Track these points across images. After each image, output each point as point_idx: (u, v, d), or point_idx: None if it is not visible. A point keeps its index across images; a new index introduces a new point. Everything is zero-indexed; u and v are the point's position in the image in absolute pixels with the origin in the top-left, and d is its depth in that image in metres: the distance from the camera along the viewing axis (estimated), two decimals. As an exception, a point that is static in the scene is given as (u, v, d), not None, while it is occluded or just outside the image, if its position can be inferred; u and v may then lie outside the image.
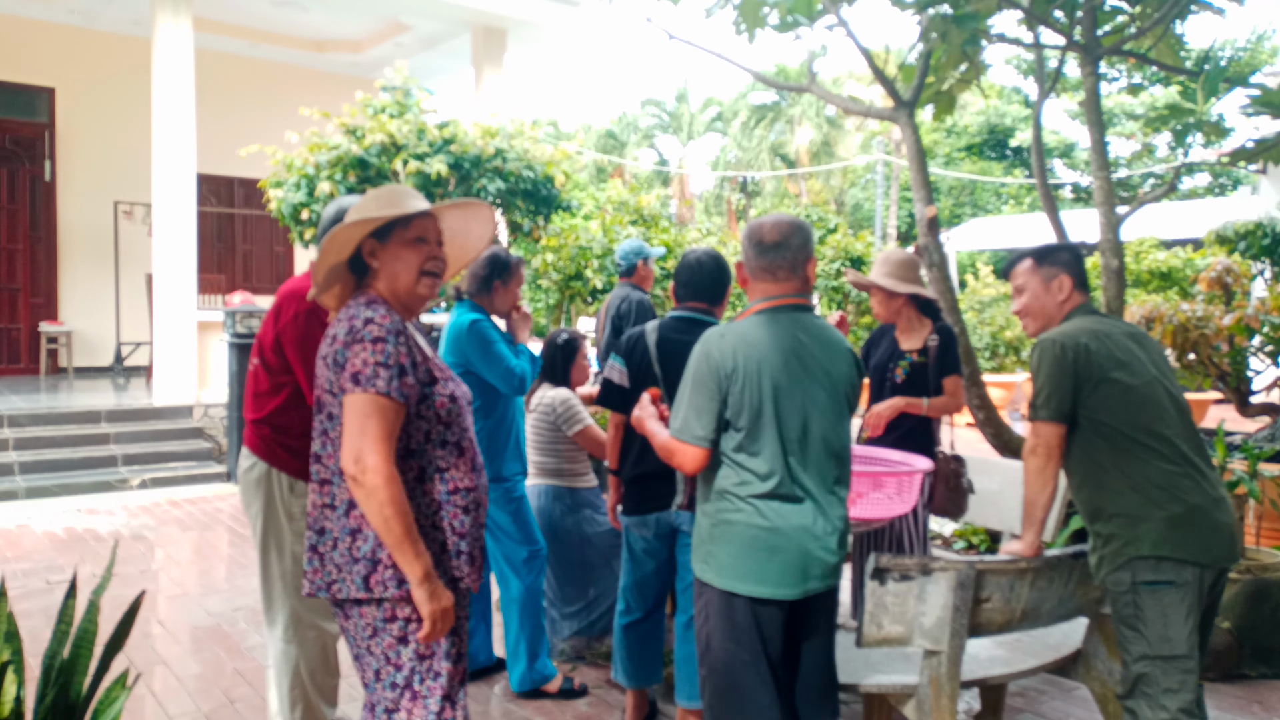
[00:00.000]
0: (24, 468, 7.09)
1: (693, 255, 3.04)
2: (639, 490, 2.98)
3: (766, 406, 2.14)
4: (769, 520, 2.14)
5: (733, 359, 2.15)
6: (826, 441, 2.20)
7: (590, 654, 3.77)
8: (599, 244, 10.16)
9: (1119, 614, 2.32)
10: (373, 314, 1.83)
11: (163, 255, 8.41)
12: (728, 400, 2.15)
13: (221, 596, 4.64)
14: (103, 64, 10.69)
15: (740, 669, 2.17)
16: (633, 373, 2.99)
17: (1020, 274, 2.56)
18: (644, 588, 3.09)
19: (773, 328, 2.20)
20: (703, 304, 3.00)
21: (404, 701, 1.86)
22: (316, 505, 1.88)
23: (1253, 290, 9.29)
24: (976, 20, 4.29)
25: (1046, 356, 2.36)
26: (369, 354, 1.79)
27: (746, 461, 2.15)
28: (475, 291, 3.42)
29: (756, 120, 33.42)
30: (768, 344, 2.18)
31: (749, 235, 2.29)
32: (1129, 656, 2.30)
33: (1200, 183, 19.55)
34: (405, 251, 1.93)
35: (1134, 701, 2.29)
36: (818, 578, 2.17)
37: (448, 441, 1.91)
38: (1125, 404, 2.32)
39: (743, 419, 2.15)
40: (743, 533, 2.15)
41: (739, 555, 2.16)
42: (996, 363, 12.79)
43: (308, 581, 1.89)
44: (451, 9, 9.88)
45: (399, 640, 1.84)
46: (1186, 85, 4.72)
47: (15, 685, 1.87)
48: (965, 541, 5.06)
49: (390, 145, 7.45)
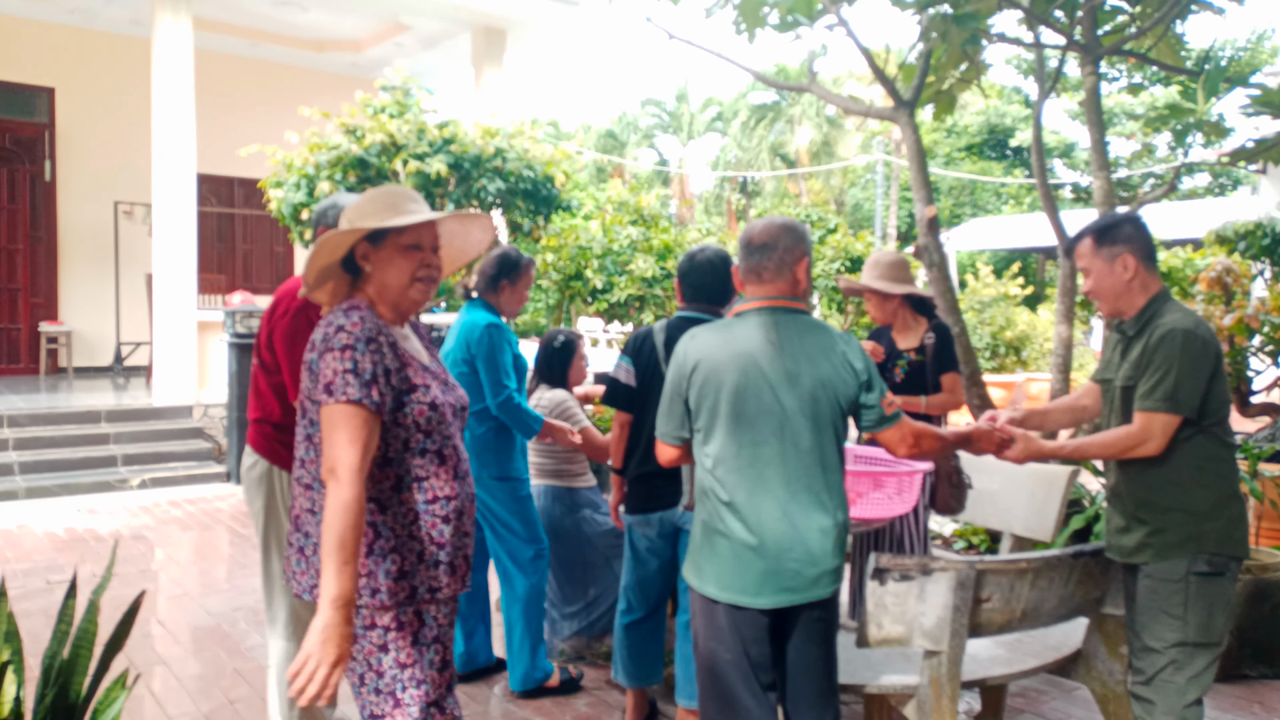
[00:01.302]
0: (24, 468, 7.09)
1: (702, 255, 2.99)
2: (643, 489, 2.98)
3: (722, 408, 2.14)
4: (735, 527, 2.12)
5: (695, 359, 2.18)
6: (796, 447, 2.12)
7: (590, 654, 3.76)
8: (599, 244, 10.15)
9: (1157, 602, 2.32)
10: (345, 321, 1.82)
11: (163, 255, 8.41)
12: (688, 399, 2.19)
13: (221, 597, 4.64)
14: (103, 64, 10.69)
15: (723, 668, 2.18)
16: (640, 372, 2.99)
17: (1083, 255, 2.44)
18: (645, 587, 3.09)
19: (743, 329, 2.18)
20: (709, 305, 2.99)
21: (387, 707, 1.85)
22: (302, 509, 1.89)
23: (1252, 290, 9.28)
24: (976, 20, 4.29)
25: (1188, 348, 2.27)
26: (338, 363, 1.78)
27: (707, 462, 2.18)
28: (484, 290, 3.42)
29: (756, 120, 33.42)
30: (732, 345, 2.16)
31: (740, 237, 2.29)
32: (1159, 643, 2.31)
33: (1200, 183, 19.55)
34: (398, 257, 1.91)
35: (1152, 689, 2.31)
36: (792, 590, 2.11)
37: (427, 450, 1.89)
38: (1223, 400, 2.34)
39: (700, 419, 2.18)
40: (715, 539, 2.16)
41: (711, 560, 2.17)
42: (997, 363, 12.79)
43: (295, 582, 1.89)
44: (451, 9, 9.89)
45: (379, 648, 1.84)
46: (1187, 85, 4.73)
47: (15, 685, 1.87)
48: (965, 541, 5.06)
49: (390, 145, 7.44)
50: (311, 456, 1.87)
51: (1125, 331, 2.43)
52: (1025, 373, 12.79)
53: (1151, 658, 2.32)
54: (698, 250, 3.02)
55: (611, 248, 10.20)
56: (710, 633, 2.20)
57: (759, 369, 2.14)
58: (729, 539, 2.13)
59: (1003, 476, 3.51)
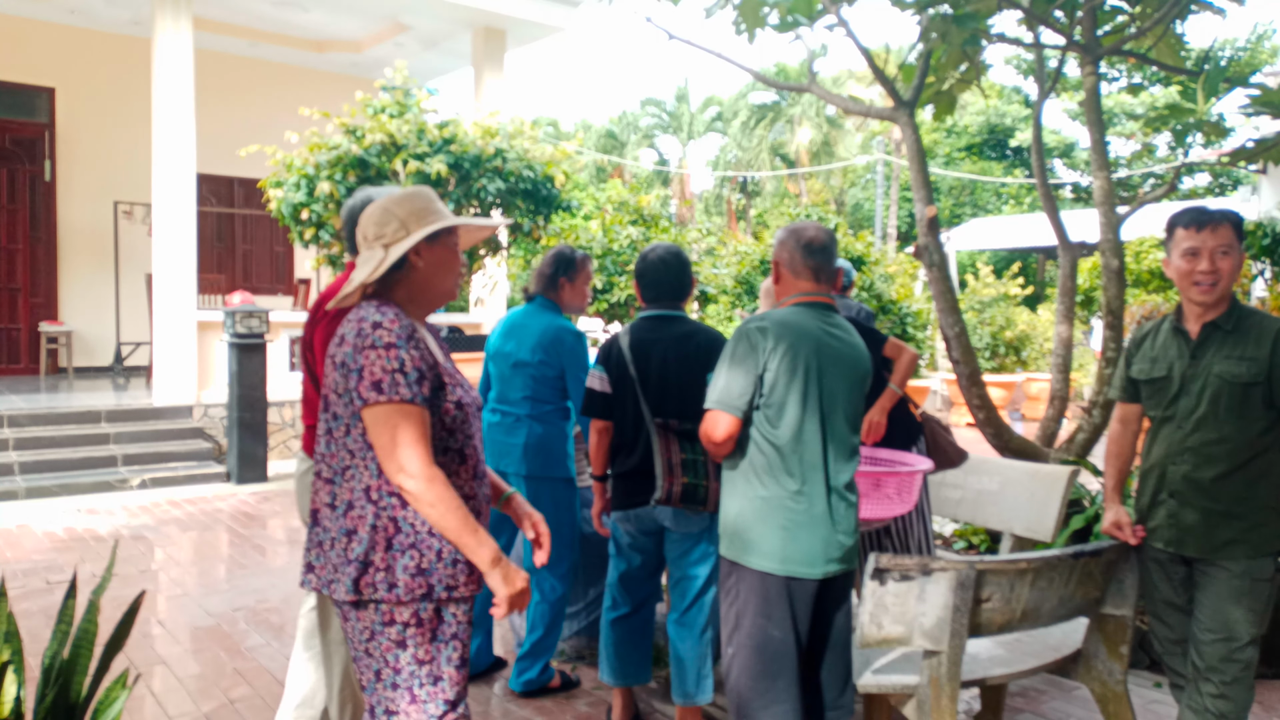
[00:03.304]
0: (24, 468, 7.09)
1: (654, 255, 3.03)
2: (624, 486, 3.01)
3: (798, 386, 2.28)
4: (801, 501, 2.27)
5: (774, 337, 2.31)
6: (846, 428, 2.36)
7: (590, 654, 3.76)
8: (599, 244, 10.15)
9: (1244, 600, 2.38)
10: (381, 318, 1.82)
11: (162, 255, 8.41)
12: (764, 375, 2.29)
13: (221, 597, 4.64)
14: (103, 64, 10.69)
15: (773, 645, 2.27)
16: (612, 378, 3.02)
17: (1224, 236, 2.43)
18: (630, 583, 3.10)
19: (809, 316, 2.38)
20: (669, 302, 3.02)
21: (404, 704, 1.84)
22: (322, 503, 1.88)
23: (1253, 290, 9.29)
24: (976, 20, 4.29)
25: None
26: (384, 361, 1.78)
27: (773, 435, 2.29)
28: (545, 289, 3.41)
29: (756, 120, 33.43)
30: (805, 328, 2.35)
31: (797, 238, 2.45)
32: (1237, 641, 2.36)
33: (1200, 183, 19.53)
34: (449, 255, 1.98)
35: (1233, 689, 2.36)
36: (836, 560, 2.31)
37: (450, 448, 1.90)
38: None
39: (774, 394, 2.29)
40: (777, 512, 2.27)
41: (771, 534, 2.27)
42: (997, 363, 12.79)
43: (314, 577, 1.88)
44: (451, 9, 9.88)
45: (397, 645, 1.83)
46: (1187, 85, 4.73)
47: (15, 685, 1.87)
48: (965, 542, 5.06)
49: (390, 145, 7.45)
50: (332, 450, 1.87)
51: (1221, 326, 2.46)
52: (1025, 373, 12.80)
53: (1233, 659, 2.37)
54: (649, 250, 3.06)
55: (611, 248, 10.20)
56: (762, 608, 2.28)
57: (830, 354, 2.34)
58: (793, 512, 2.27)
59: (1002, 477, 3.51)
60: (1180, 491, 2.48)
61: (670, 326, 2.99)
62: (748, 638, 2.29)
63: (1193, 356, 2.48)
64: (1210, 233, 2.41)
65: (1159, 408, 2.55)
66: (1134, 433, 2.75)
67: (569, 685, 3.49)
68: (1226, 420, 2.40)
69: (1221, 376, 2.41)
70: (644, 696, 3.39)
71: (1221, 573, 2.41)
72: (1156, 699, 3.43)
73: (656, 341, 2.96)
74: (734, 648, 2.31)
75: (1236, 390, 2.39)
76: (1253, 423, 2.39)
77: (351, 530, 1.82)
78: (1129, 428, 2.74)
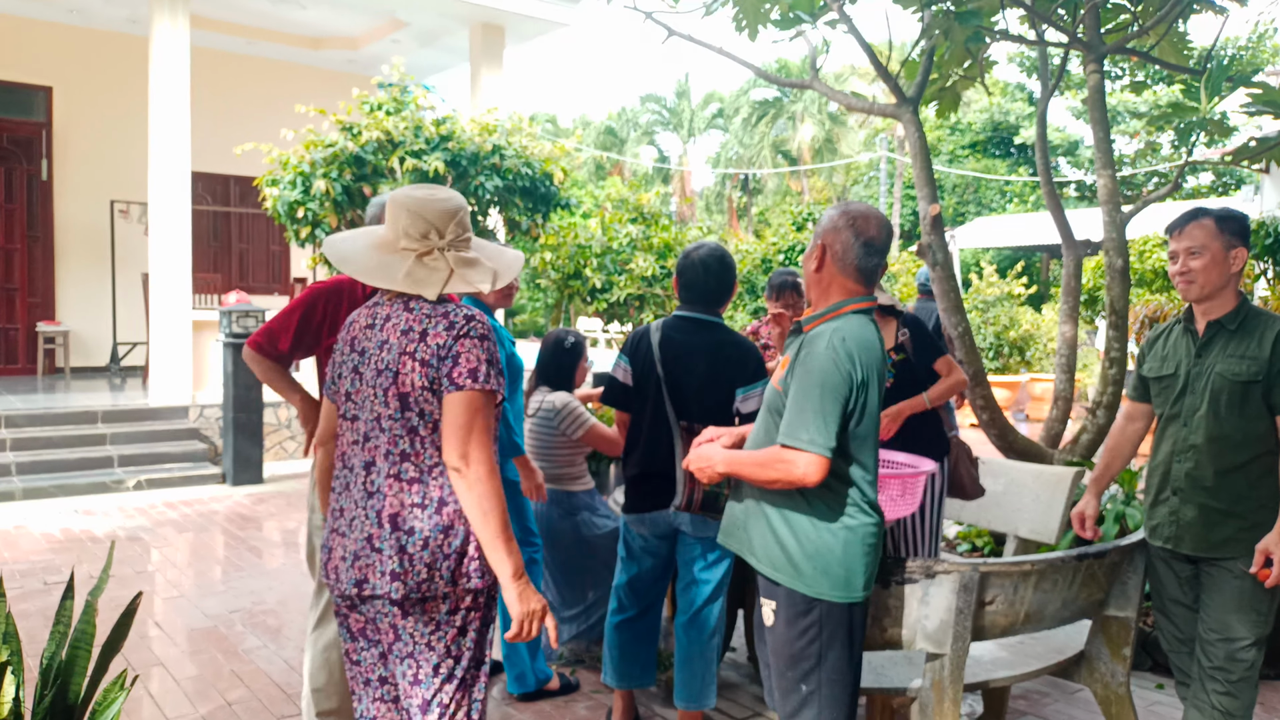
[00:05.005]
0: (21, 468, 7.06)
1: (696, 254, 2.95)
2: (640, 488, 2.96)
3: (873, 410, 2.09)
4: (877, 530, 2.11)
5: (863, 366, 2.05)
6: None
7: (589, 657, 3.73)
8: (598, 242, 10.11)
9: (1248, 601, 2.38)
10: (472, 312, 1.89)
11: (158, 254, 8.38)
12: (853, 410, 2.05)
13: (218, 598, 4.62)
14: (100, 63, 10.66)
15: (854, 674, 2.15)
16: (636, 371, 2.96)
17: (1198, 235, 2.45)
18: (638, 586, 3.06)
19: (875, 333, 2.12)
20: (705, 306, 2.95)
21: (455, 692, 1.89)
22: (406, 505, 1.85)
23: (1255, 290, 9.26)
24: (979, 17, 4.26)
25: None
26: (480, 350, 1.84)
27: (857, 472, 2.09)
28: None
29: (758, 117, 33.39)
30: (879, 350, 2.11)
31: (856, 231, 2.12)
32: (1245, 640, 2.37)
33: (1204, 182, 19.48)
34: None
35: (1238, 688, 2.38)
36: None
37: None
38: None
39: (864, 425, 2.08)
40: (870, 541, 2.10)
41: (867, 566, 2.10)
42: (1001, 363, 12.75)
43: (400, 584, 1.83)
44: (449, 5, 9.85)
45: (460, 632, 1.88)
46: (1190, 84, 4.68)
47: (13, 686, 1.86)
48: (969, 544, 5.03)
49: (387, 142, 7.42)
50: (417, 449, 1.86)
51: (1226, 325, 2.46)
52: (1029, 373, 12.76)
53: (1236, 659, 2.38)
54: (693, 248, 2.98)
55: (611, 246, 10.16)
56: (848, 644, 2.12)
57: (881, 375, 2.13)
58: (876, 543, 2.12)
59: (1007, 478, 3.48)
60: (1183, 489, 2.49)
61: (704, 332, 2.92)
62: (834, 673, 2.12)
63: (1198, 355, 2.50)
64: (1178, 237, 2.50)
65: (1166, 405, 2.57)
66: (1136, 430, 2.77)
67: (568, 688, 3.46)
68: (1228, 418, 2.41)
69: (1222, 375, 2.42)
70: (644, 701, 3.36)
71: (1225, 574, 2.42)
72: (1159, 700, 3.41)
73: (688, 344, 2.90)
74: (812, 685, 2.14)
75: (1236, 388, 2.40)
76: (1254, 421, 2.40)
77: (448, 526, 1.85)
78: (1131, 424, 2.77)
